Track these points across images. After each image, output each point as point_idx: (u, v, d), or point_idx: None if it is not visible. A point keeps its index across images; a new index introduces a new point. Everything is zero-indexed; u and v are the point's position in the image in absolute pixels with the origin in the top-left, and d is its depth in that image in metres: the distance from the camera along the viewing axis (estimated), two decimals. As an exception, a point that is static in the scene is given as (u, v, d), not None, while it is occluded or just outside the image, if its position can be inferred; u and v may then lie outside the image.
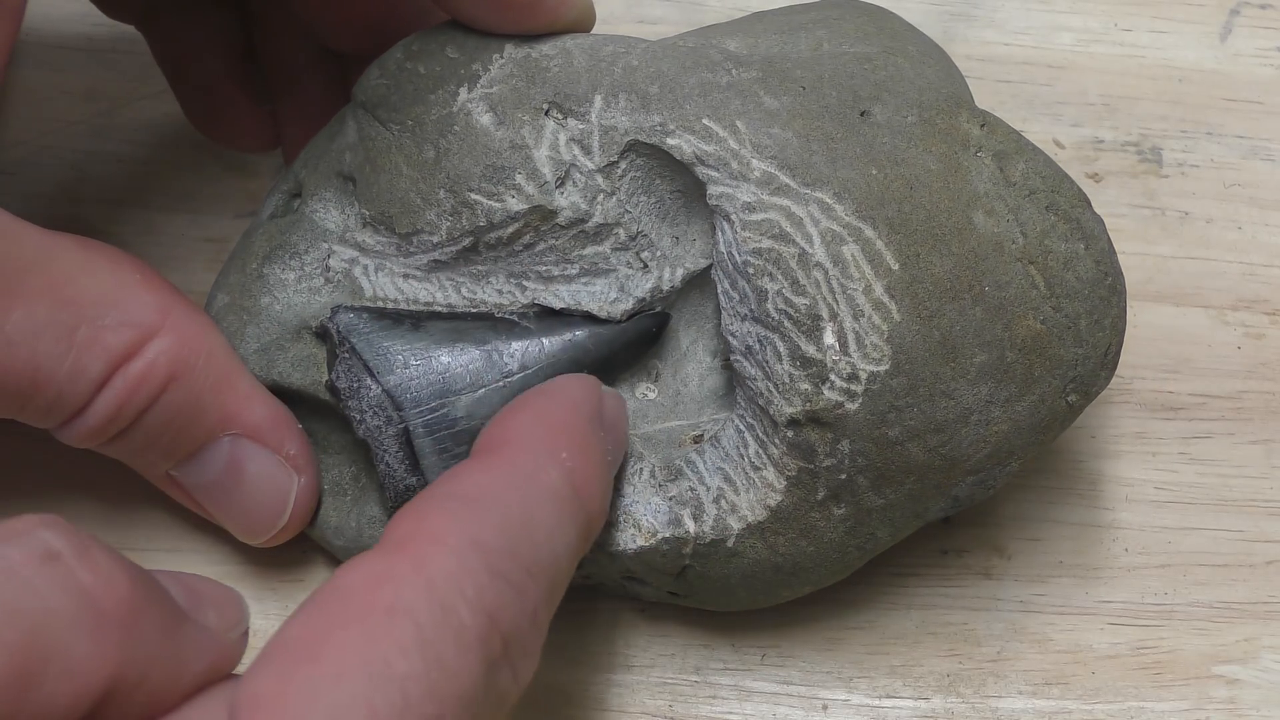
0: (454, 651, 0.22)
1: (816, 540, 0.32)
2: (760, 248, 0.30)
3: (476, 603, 0.23)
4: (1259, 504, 0.38)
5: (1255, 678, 0.36)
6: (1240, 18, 0.45)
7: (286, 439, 0.32)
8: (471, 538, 0.24)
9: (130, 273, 0.30)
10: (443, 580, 0.23)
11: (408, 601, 0.22)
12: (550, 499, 0.26)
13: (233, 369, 0.31)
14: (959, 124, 0.32)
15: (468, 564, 0.23)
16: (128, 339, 0.29)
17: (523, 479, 0.26)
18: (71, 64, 0.41)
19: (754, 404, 0.31)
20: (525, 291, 0.33)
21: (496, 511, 0.24)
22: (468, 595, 0.23)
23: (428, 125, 0.32)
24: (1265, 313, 0.41)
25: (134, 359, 0.29)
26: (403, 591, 0.22)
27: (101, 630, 0.21)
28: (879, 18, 0.35)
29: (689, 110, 0.31)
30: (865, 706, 0.35)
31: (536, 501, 0.25)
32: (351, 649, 0.21)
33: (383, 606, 0.22)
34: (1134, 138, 0.43)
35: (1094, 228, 0.32)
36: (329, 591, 0.23)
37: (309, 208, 0.34)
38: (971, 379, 0.30)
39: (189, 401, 0.30)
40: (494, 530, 0.24)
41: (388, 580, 0.23)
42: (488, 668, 0.23)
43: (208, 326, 0.31)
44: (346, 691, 0.21)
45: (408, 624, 0.22)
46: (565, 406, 0.28)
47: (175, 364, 0.30)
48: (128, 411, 0.30)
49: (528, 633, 0.24)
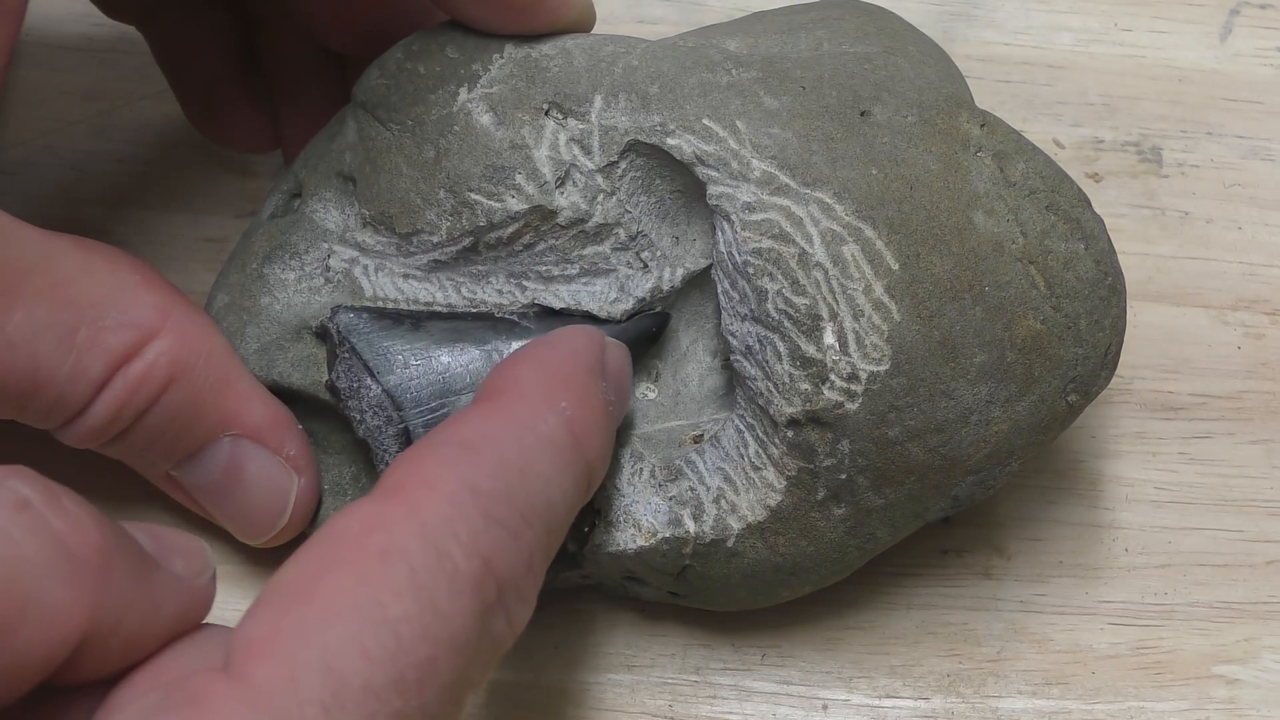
0: (447, 594, 0.22)
1: (816, 540, 0.32)
2: (760, 248, 0.30)
3: (471, 547, 0.23)
4: (1259, 504, 0.38)
5: (1255, 678, 0.36)
6: (1240, 18, 0.45)
7: (287, 440, 0.32)
8: (467, 483, 0.23)
9: (130, 273, 0.30)
10: (437, 524, 0.23)
11: (401, 545, 0.22)
12: (548, 446, 0.26)
13: (233, 370, 0.31)
14: (959, 124, 0.32)
15: (462, 509, 0.23)
16: (128, 340, 0.29)
17: (521, 426, 0.25)
18: (71, 64, 0.41)
19: (754, 404, 0.31)
20: (525, 291, 0.33)
21: (493, 458, 0.24)
22: (462, 539, 0.23)
23: (428, 125, 0.32)
24: (1265, 313, 0.41)
25: (134, 360, 0.29)
26: (396, 535, 0.22)
27: (76, 576, 0.21)
28: (879, 18, 0.35)
29: (689, 110, 0.31)
30: (865, 706, 0.35)
31: (534, 448, 0.25)
32: (344, 591, 0.21)
33: (376, 550, 0.22)
34: (1134, 138, 0.43)
35: (1094, 228, 0.32)
36: (322, 536, 0.23)
37: (309, 208, 0.34)
38: (971, 379, 0.30)
39: (189, 402, 0.30)
40: (490, 476, 0.24)
41: (381, 525, 0.22)
42: (482, 612, 0.23)
43: (208, 327, 0.31)
44: (339, 632, 0.21)
45: (401, 567, 0.22)
46: (566, 356, 0.28)
47: (175, 365, 0.30)
48: (128, 412, 0.30)
49: (523, 578, 0.24)
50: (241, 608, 0.34)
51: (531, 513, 0.24)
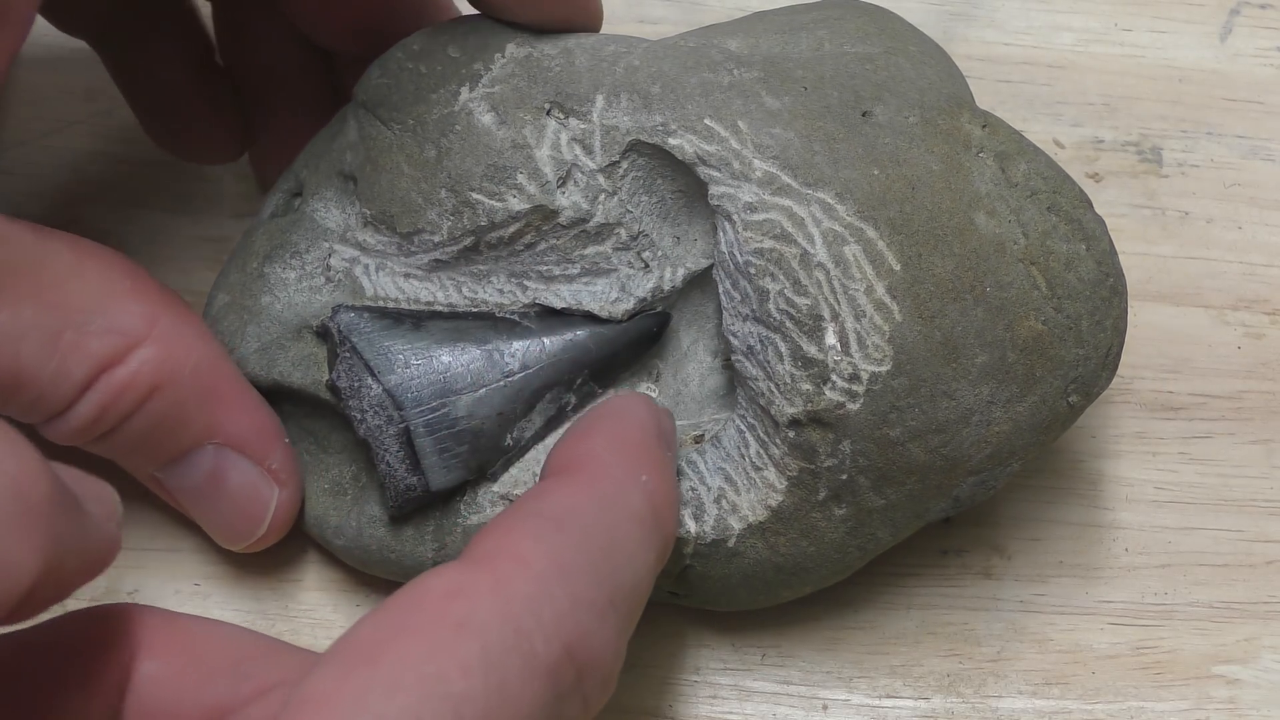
0: (519, 678, 0.22)
1: (817, 540, 0.32)
2: (762, 248, 0.30)
3: (553, 630, 0.22)
4: (1259, 504, 0.38)
5: (1255, 678, 0.36)
6: (1240, 18, 0.45)
7: (270, 451, 0.32)
8: (556, 561, 0.23)
9: (121, 279, 0.30)
10: (520, 602, 0.22)
11: (480, 620, 0.22)
12: (634, 522, 0.25)
13: (221, 379, 0.31)
14: (960, 124, 0.32)
15: (549, 589, 0.23)
16: (112, 346, 0.29)
17: (607, 502, 0.25)
18: (71, 64, 0.41)
19: (755, 404, 0.31)
20: (526, 291, 0.33)
21: (581, 534, 0.24)
22: (544, 621, 0.22)
23: (429, 125, 0.32)
24: (1265, 313, 0.41)
25: (118, 366, 0.29)
26: (477, 608, 0.22)
27: (32, 524, 0.21)
28: (880, 18, 0.35)
29: (690, 110, 0.31)
30: (865, 706, 0.35)
31: (621, 525, 0.25)
32: (412, 659, 0.21)
33: (453, 620, 0.22)
34: (1134, 138, 0.43)
35: (1095, 228, 0.32)
36: (405, 596, 0.22)
37: (310, 207, 0.34)
38: (973, 379, 0.30)
39: (173, 410, 0.30)
40: (579, 554, 0.24)
41: (463, 594, 0.22)
42: (555, 698, 0.22)
43: (197, 336, 0.31)
44: (398, 702, 0.20)
45: (474, 643, 0.21)
46: (637, 427, 0.28)
47: (159, 374, 0.30)
48: (110, 416, 0.30)
49: (606, 662, 0.23)
50: (227, 611, 0.35)
51: (618, 594, 0.24)
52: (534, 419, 0.32)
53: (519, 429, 0.32)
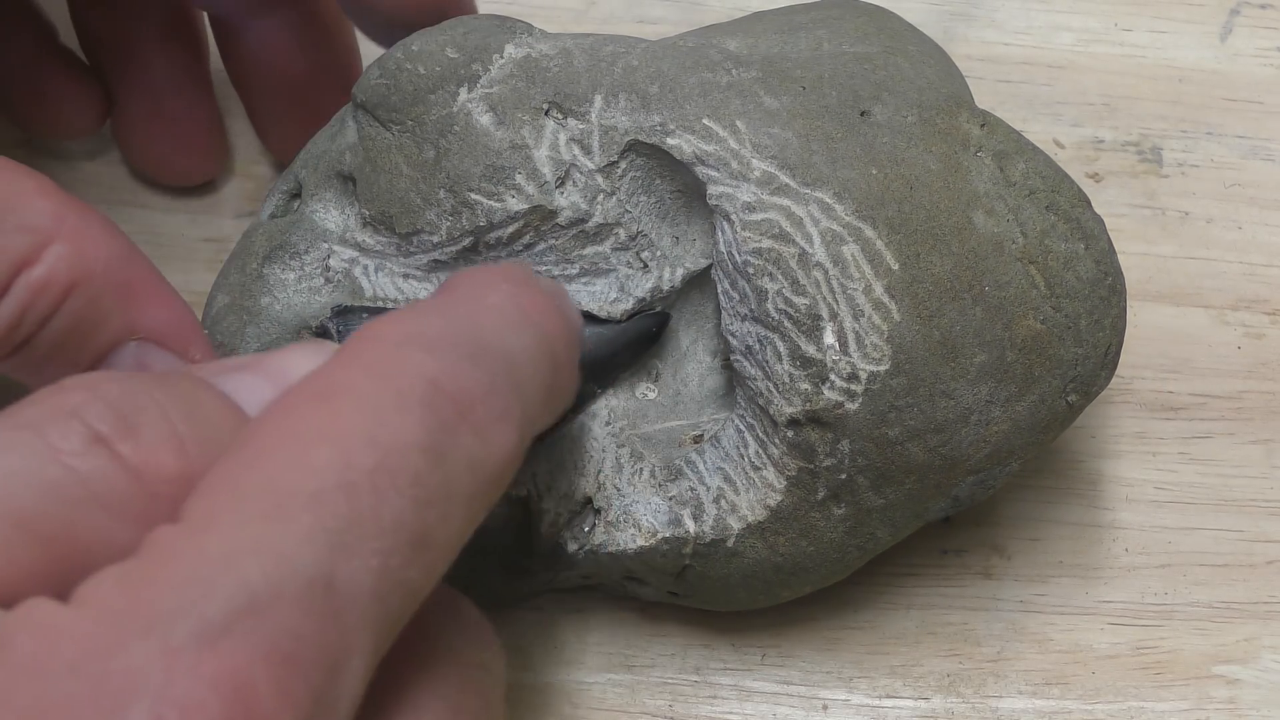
0: (394, 410, 0.22)
1: (816, 540, 0.32)
2: (760, 247, 0.30)
3: (416, 371, 0.23)
4: (1259, 504, 0.38)
5: (1255, 678, 0.36)
6: (1240, 18, 0.45)
7: (191, 342, 0.31)
8: (410, 331, 0.23)
9: (25, 179, 0.29)
10: (380, 362, 0.23)
11: (344, 381, 0.22)
12: (495, 312, 0.25)
13: (134, 273, 0.30)
14: (959, 124, 0.32)
15: (405, 348, 0.23)
16: (26, 244, 0.28)
17: (465, 300, 0.25)
18: (71, 64, 0.41)
19: (754, 404, 0.31)
20: (525, 291, 0.33)
21: (438, 315, 0.24)
22: (408, 368, 0.23)
23: (428, 125, 0.32)
24: (1265, 313, 0.41)
25: (34, 265, 0.28)
26: (337, 375, 0.22)
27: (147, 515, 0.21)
28: (879, 17, 0.35)
29: (689, 110, 0.31)
30: (865, 706, 0.35)
31: (482, 313, 0.25)
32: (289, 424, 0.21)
33: (317, 390, 0.22)
34: (1134, 138, 0.43)
35: (1094, 228, 0.32)
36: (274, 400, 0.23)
37: (309, 208, 0.34)
38: (971, 379, 0.30)
39: (91, 308, 0.29)
40: (435, 326, 0.24)
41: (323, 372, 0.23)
42: (438, 426, 0.22)
43: (106, 230, 0.30)
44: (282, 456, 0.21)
45: (346, 398, 0.22)
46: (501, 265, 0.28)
47: (75, 270, 0.29)
48: (30, 319, 0.28)
49: (487, 400, 0.23)
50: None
51: (483, 352, 0.24)
52: (532, 419, 0.32)
53: (517, 429, 0.32)
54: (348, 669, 0.20)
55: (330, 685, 0.20)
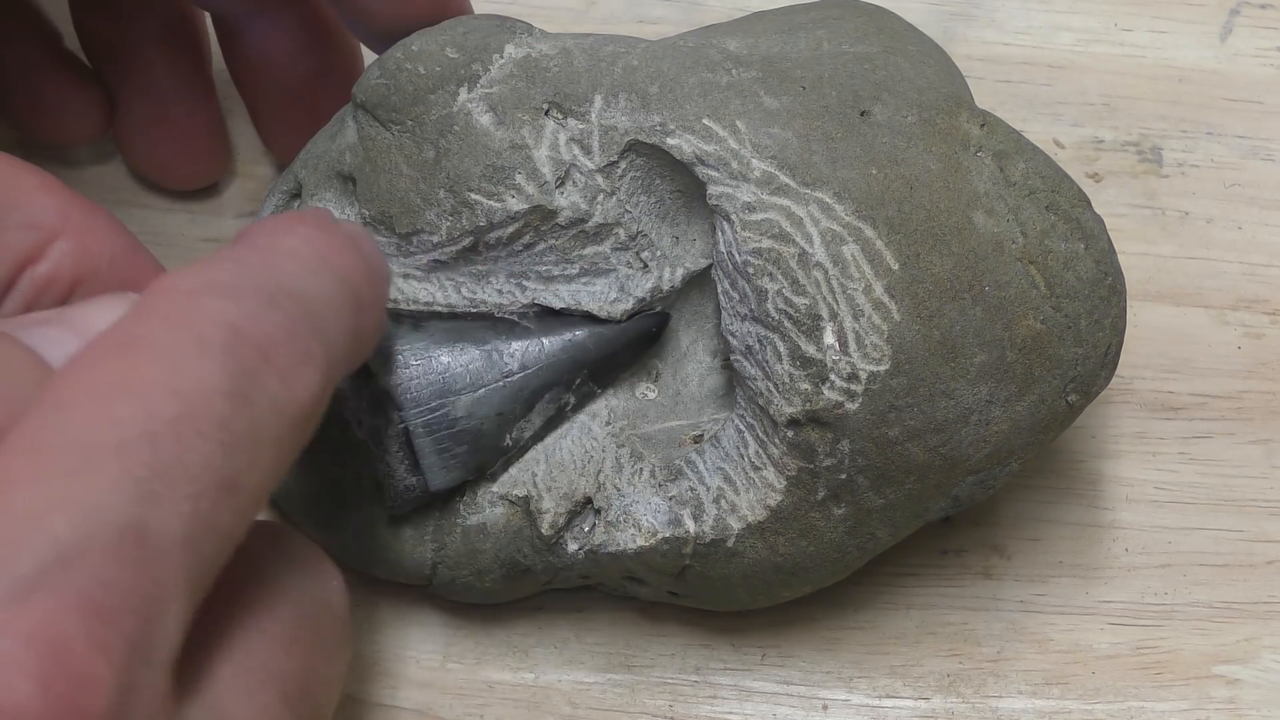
0: (194, 357, 0.22)
1: (816, 540, 0.32)
2: (760, 247, 0.30)
3: (214, 317, 0.23)
4: (1259, 504, 0.38)
5: (1255, 678, 0.36)
6: (1240, 18, 0.45)
7: None
8: (204, 280, 0.23)
9: (28, 176, 0.29)
10: (176, 312, 0.23)
11: (141, 333, 0.22)
12: (289, 255, 0.25)
13: (140, 269, 0.30)
14: (959, 124, 0.32)
15: (200, 297, 0.23)
16: (31, 240, 0.28)
17: (262, 247, 0.25)
18: (71, 64, 0.41)
19: (754, 404, 0.31)
20: (525, 291, 0.33)
21: (230, 262, 0.24)
22: (204, 314, 0.23)
23: (428, 125, 0.32)
24: (1265, 313, 0.41)
25: (39, 262, 0.28)
26: (136, 326, 0.22)
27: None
28: (879, 17, 0.35)
29: (689, 110, 0.31)
30: (865, 706, 0.35)
31: (275, 255, 0.25)
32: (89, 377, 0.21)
33: (117, 342, 0.22)
34: (1134, 138, 0.43)
35: (1094, 227, 0.32)
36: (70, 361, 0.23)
37: (309, 208, 0.34)
38: (971, 379, 0.30)
39: None
40: (228, 272, 0.24)
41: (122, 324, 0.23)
42: (240, 372, 0.22)
43: (110, 226, 0.30)
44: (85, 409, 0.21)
45: (143, 349, 0.22)
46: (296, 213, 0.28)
47: (80, 267, 0.29)
48: (38, 311, 0.28)
49: (288, 344, 0.23)
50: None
51: (282, 296, 0.24)
52: (533, 419, 0.32)
53: (518, 429, 0.32)
54: (164, 615, 0.20)
55: (146, 632, 0.20)
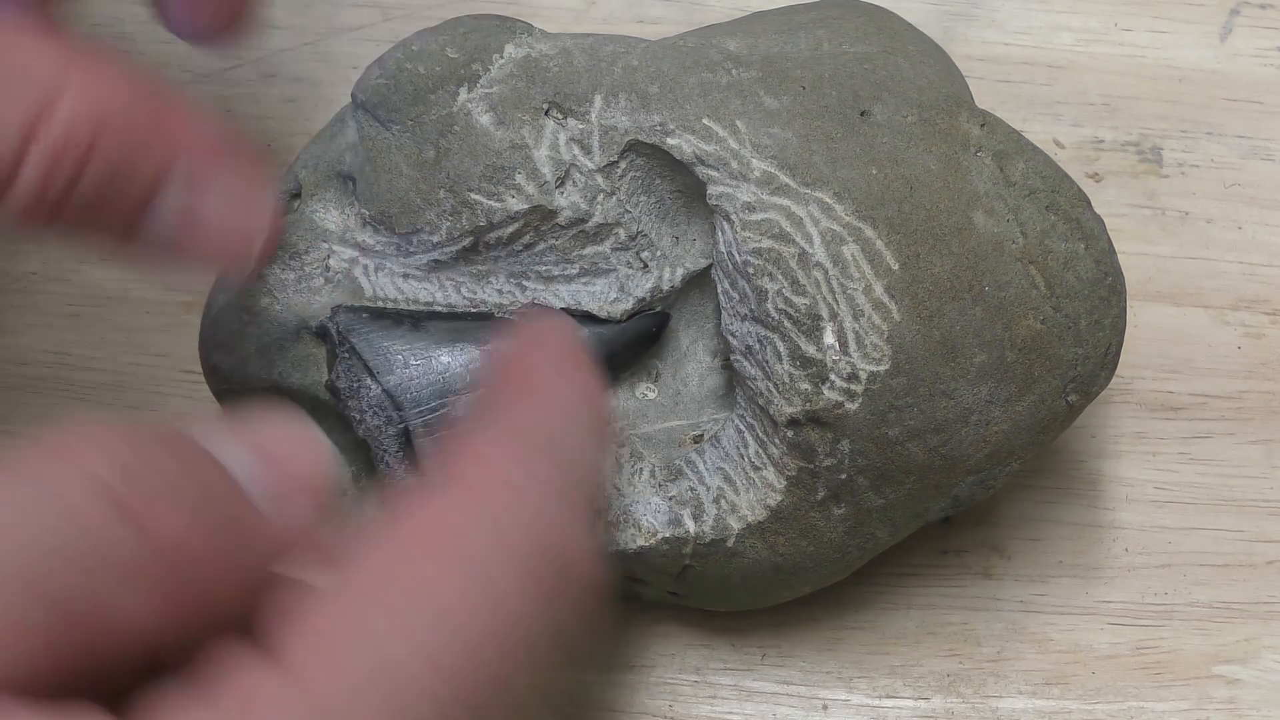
0: (518, 595, 0.22)
1: (816, 540, 0.32)
2: (760, 247, 0.30)
3: (543, 543, 0.22)
4: (1259, 504, 0.38)
5: (1255, 678, 0.36)
6: (1240, 18, 0.45)
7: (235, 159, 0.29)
8: (535, 477, 0.23)
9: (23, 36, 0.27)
10: (510, 524, 0.22)
11: (476, 547, 0.22)
12: (587, 432, 0.26)
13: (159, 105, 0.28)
14: (959, 124, 0.32)
15: (533, 505, 0.23)
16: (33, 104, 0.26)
17: (563, 415, 0.25)
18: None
19: (754, 404, 0.31)
20: (525, 291, 0.33)
21: (551, 448, 0.24)
22: (533, 537, 0.22)
23: (428, 125, 0.32)
24: (1265, 313, 0.41)
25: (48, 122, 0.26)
26: (470, 535, 0.22)
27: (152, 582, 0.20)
28: (879, 17, 0.35)
29: (689, 110, 0.31)
30: (865, 706, 0.35)
31: (578, 435, 0.25)
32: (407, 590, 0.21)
33: (451, 553, 0.22)
34: (1134, 138, 0.43)
35: (1094, 228, 0.32)
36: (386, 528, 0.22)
37: (309, 208, 0.34)
38: (971, 379, 0.30)
39: (121, 154, 0.27)
40: (554, 467, 0.24)
41: (449, 519, 0.22)
42: (551, 608, 0.22)
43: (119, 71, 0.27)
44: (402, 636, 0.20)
45: (467, 568, 0.21)
46: (569, 341, 0.28)
47: (94, 119, 0.26)
48: (59, 180, 0.26)
49: (589, 565, 0.24)
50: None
51: (589, 500, 0.24)
52: (532, 419, 0.32)
53: (517, 429, 0.32)
54: None
55: None
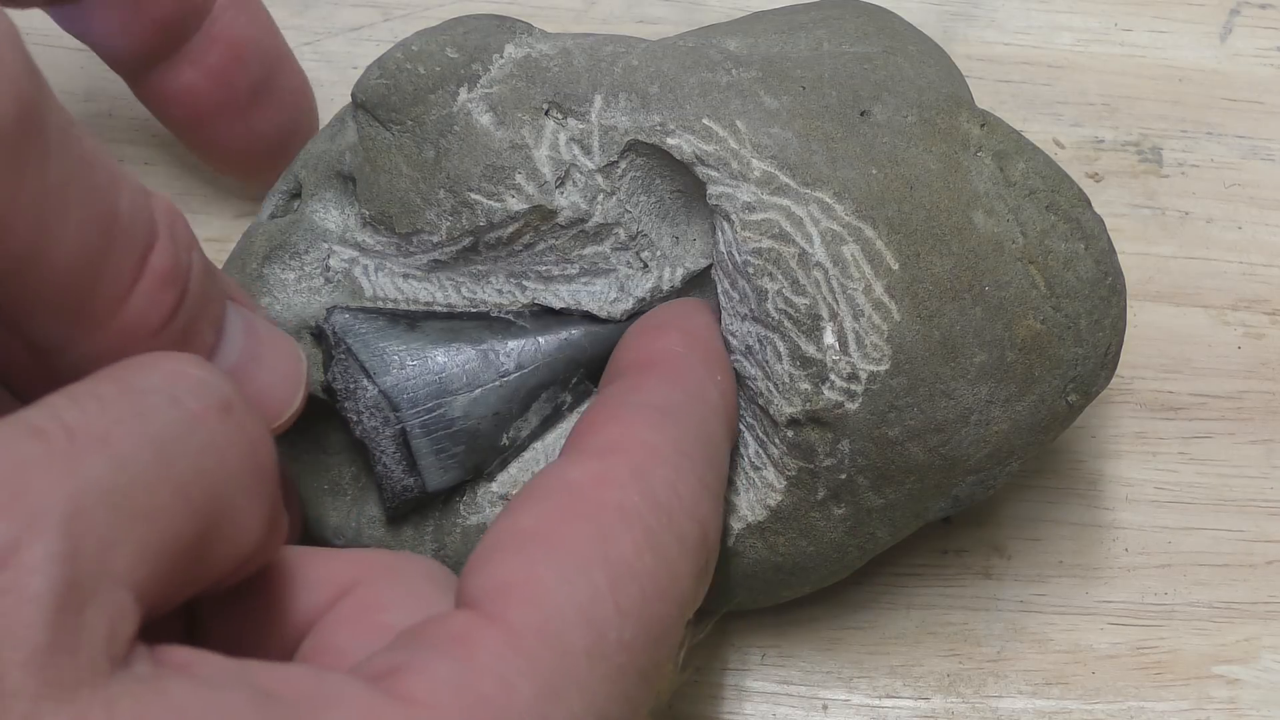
0: (678, 554, 0.23)
1: (816, 540, 0.32)
2: (760, 247, 0.30)
3: (692, 510, 0.23)
4: (1259, 504, 0.38)
5: (1255, 678, 0.36)
6: (1240, 18, 0.45)
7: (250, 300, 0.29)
8: (678, 447, 0.24)
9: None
10: (662, 487, 0.23)
11: (634, 504, 0.23)
12: (716, 416, 0.27)
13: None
14: (959, 124, 0.32)
15: (680, 472, 0.24)
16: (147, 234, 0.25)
17: (695, 396, 0.26)
18: (71, 64, 0.41)
19: (754, 404, 0.31)
20: (525, 291, 0.33)
21: (688, 423, 0.25)
22: (685, 502, 0.23)
23: (428, 125, 0.32)
24: (1265, 313, 0.41)
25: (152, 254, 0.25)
26: (629, 494, 0.23)
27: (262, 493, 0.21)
28: (879, 17, 0.35)
29: (689, 110, 0.31)
30: (865, 706, 0.35)
31: (708, 418, 0.26)
32: (591, 544, 0.22)
33: (612, 506, 0.22)
34: (1134, 138, 0.43)
35: (1094, 227, 0.32)
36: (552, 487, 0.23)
37: (309, 208, 0.34)
38: (971, 379, 0.30)
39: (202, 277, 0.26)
40: (693, 441, 0.25)
41: (611, 482, 0.23)
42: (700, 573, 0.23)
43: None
44: (592, 583, 0.21)
45: (638, 525, 0.22)
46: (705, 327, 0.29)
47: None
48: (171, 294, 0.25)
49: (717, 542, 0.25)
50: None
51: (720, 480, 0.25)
52: (530, 418, 0.32)
53: (515, 429, 0.32)
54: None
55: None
